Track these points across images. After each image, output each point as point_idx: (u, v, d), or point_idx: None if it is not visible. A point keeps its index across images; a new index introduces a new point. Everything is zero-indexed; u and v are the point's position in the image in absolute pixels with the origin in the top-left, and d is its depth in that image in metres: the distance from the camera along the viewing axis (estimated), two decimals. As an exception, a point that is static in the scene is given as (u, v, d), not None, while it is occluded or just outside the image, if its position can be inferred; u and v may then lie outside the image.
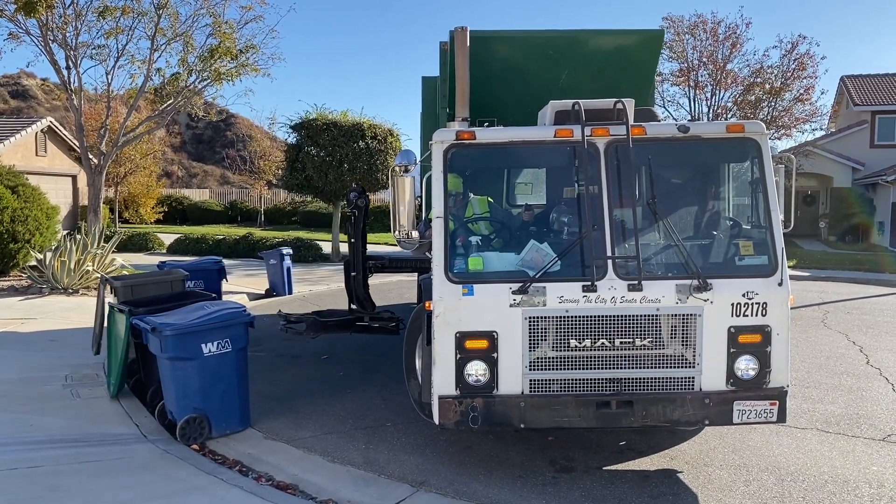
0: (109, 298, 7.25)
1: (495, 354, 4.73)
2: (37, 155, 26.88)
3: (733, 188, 5.55)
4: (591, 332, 4.70)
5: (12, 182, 14.31)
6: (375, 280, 16.35)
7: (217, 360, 5.71)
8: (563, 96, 5.57)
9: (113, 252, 14.24)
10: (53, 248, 13.46)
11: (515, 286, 4.68)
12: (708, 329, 4.70)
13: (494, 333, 4.71)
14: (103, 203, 18.34)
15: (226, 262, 11.48)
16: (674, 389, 4.75)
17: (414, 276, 11.37)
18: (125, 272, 12.85)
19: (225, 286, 10.99)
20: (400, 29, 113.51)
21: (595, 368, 4.73)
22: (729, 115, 25.46)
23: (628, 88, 6.70)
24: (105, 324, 6.99)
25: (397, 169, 5.27)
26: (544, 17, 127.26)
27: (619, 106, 5.03)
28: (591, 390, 4.74)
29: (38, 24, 15.31)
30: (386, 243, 25.71)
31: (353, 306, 7.79)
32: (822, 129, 31.25)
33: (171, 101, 17.72)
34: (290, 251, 14.31)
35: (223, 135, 59.07)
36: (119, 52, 16.66)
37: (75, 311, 10.98)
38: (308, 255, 19.76)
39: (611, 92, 5.82)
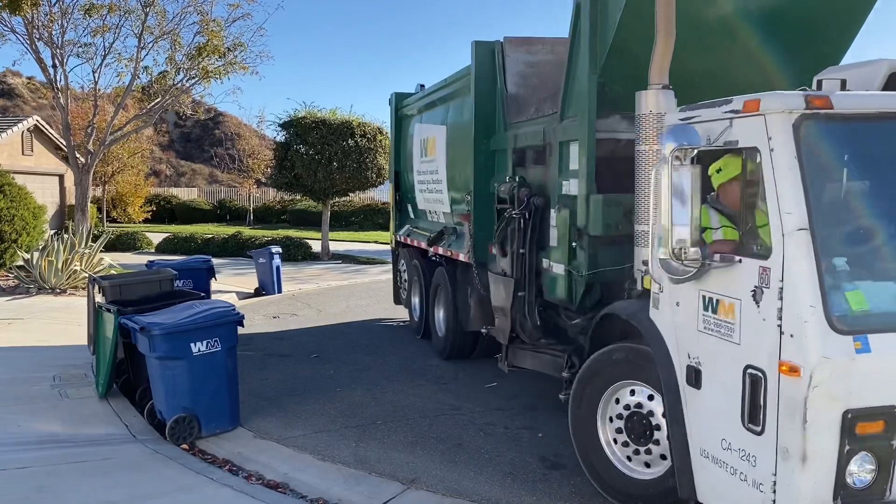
0: (98, 298, 7.21)
1: (894, 442, 3.27)
2: (23, 154, 26.62)
3: None
4: None
5: (-2, 181, 14.19)
6: (377, 278, 16.33)
7: (206, 360, 5.70)
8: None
9: (101, 251, 14.14)
10: (40, 247, 13.35)
11: None
12: None
13: (894, 409, 3.25)
14: (91, 202, 18.21)
15: (215, 261, 11.42)
16: None
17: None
18: (113, 272, 12.75)
19: (214, 285, 10.94)
20: (393, 26, 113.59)
21: None
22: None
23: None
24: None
25: (679, 155, 3.50)
26: (538, 15, 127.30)
27: None
28: None
29: (24, 22, 15.19)
30: (376, 241, 25.64)
31: (512, 334, 6.20)
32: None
33: (158, 100, 17.67)
34: (280, 250, 14.29)
35: (211, 133, 58.79)
36: (106, 51, 16.60)
37: (63, 311, 10.91)
38: (297, 253, 19.71)
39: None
